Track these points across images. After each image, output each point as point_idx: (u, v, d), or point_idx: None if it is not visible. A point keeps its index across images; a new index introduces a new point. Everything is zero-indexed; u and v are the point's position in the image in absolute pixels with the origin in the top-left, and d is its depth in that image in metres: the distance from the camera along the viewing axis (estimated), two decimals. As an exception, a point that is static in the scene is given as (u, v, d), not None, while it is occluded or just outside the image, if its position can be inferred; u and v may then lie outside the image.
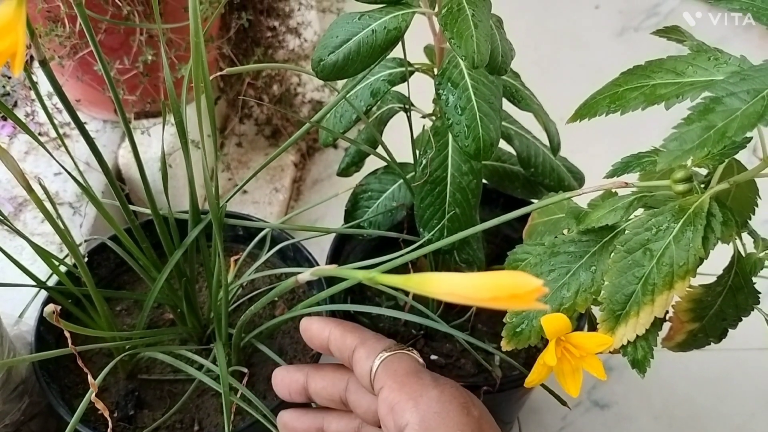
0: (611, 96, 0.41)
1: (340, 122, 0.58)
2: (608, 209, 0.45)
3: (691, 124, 0.34)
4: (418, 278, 0.28)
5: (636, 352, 0.44)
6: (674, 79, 0.39)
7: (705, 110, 0.35)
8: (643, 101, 0.39)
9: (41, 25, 0.71)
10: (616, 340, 0.44)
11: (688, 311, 0.48)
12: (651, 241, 0.42)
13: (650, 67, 0.41)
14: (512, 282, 0.26)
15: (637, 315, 0.43)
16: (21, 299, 0.61)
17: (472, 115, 0.50)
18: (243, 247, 0.68)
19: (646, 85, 0.40)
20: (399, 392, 0.42)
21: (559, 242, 0.48)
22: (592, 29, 1.37)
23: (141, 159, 0.54)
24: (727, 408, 0.84)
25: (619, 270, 0.43)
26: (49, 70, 0.40)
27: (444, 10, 0.46)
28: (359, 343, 0.47)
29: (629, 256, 0.43)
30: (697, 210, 0.42)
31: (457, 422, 0.41)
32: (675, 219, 0.42)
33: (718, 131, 0.34)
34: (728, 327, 0.49)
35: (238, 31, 0.89)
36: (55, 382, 0.58)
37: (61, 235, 0.50)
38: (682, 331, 0.49)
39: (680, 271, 0.42)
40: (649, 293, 0.42)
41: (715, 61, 0.40)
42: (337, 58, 0.48)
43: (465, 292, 0.27)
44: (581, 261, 0.47)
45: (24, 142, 0.83)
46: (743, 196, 0.49)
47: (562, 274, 0.47)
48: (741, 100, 0.36)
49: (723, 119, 0.34)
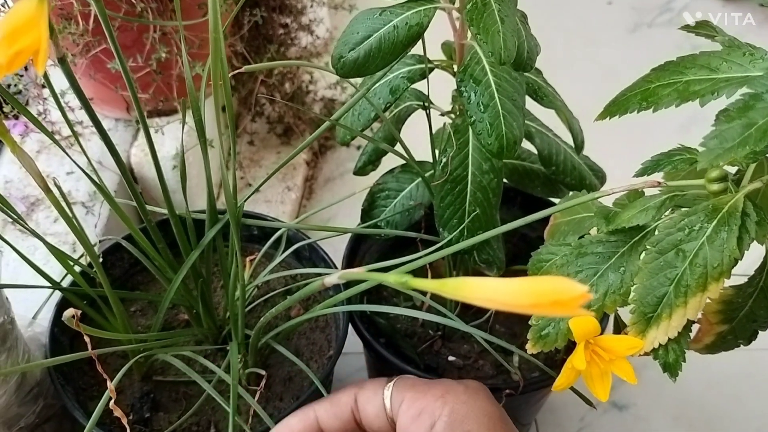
0: (642, 92, 0.40)
1: (359, 120, 0.57)
2: (639, 209, 0.44)
3: (731, 122, 0.33)
4: (453, 283, 0.27)
5: (667, 355, 0.43)
6: (708, 75, 0.38)
7: (745, 107, 0.34)
8: (676, 98, 0.38)
9: (54, 23, 0.70)
10: (647, 343, 0.43)
11: (718, 313, 0.47)
12: (684, 242, 0.41)
13: (683, 62, 0.40)
14: (554, 288, 0.25)
15: (669, 318, 0.42)
16: (35, 300, 0.61)
17: (495, 112, 0.49)
18: (258, 247, 0.67)
19: (679, 81, 0.39)
20: (424, 397, 0.44)
21: (587, 242, 0.47)
22: (605, 26, 1.35)
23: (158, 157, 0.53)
24: (747, 410, 0.83)
25: (650, 271, 0.42)
26: (67, 67, 0.39)
27: (469, 5, 0.45)
28: (357, 390, 0.47)
29: (661, 257, 0.42)
30: (732, 210, 0.41)
31: (484, 408, 0.43)
32: (708, 219, 0.41)
33: (760, 128, 0.33)
34: (758, 329, 0.48)
35: (251, 28, 0.88)
36: (70, 384, 0.58)
37: (77, 235, 0.49)
38: (711, 333, 0.48)
39: (714, 272, 0.41)
40: (682, 295, 0.41)
41: (750, 57, 0.39)
42: (358, 54, 0.47)
43: (504, 299, 0.26)
44: (610, 262, 0.45)
45: (36, 141, 0.82)
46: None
47: (590, 276, 0.46)
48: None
49: (764, 116, 0.33)
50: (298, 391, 0.60)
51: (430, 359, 0.66)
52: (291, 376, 0.61)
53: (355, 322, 0.63)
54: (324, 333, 0.65)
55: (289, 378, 0.61)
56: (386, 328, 0.66)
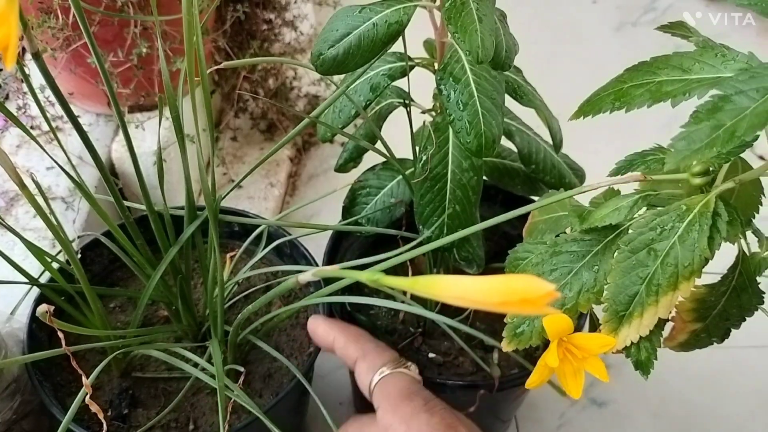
0: (616, 93, 0.40)
1: (339, 117, 0.57)
2: (612, 208, 0.45)
3: (699, 123, 0.33)
4: (425, 281, 0.27)
5: (639, 353, 0.44)
6: (680, 76, 0.39)
7: (713, 108, 0.34)
8: (648, 98, 0.38)
9: (33, 16, 0.69)
10: (620, 341, 0.43)
11: (691, 311, 0.47)
12: (655, 241, 0.42)
13: (655, 63, 0.40)
14: (523, 286, 0.25)
15: (641, 316, 0.42)
16: (13, 296, 0.60)
17: (474, 111, 0.49)
18: (239, 244, 0.67)
19: (652, 81, 0.39)
20: (393, 415, 0.47)
21: (561, 241, 0.47)
22: (590, 24, 1.36)
23: (135, 153, 0.53)
24: (726, 407, 0.84)
25: (622, 270, 0.42)
26: (41, 62, 0.39)
27: (447, 3, 0.45)
28: (360, 356, 0.52)
29: (633, 256, 0.42)
30: (703, 210, 0.41)
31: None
32: (680, 219, 0.42)
33: (728, 130, 0.33)
34: (731, 327, 0.48)
35: (234, 23, 0.88)
36: (48, 380, 0.57)
37: (53, 231, 0.49)
38: (684, 330, 0.48)
39: (685, 271, 0.41)
40: (654, 294, 0.42)
41: (722, 58, 0.39)
42: (338, 52, 0.47)
43: (474, 296, 0.26)
44: (584, 260, 0.46)
45: (16, 135, 0.82)
46: (747, 195, 0.49)
47: (564, 274, 0.46)
48: (750, 98, 0.35)
49: (732, 118, 0.33)
50: (277, 387, 0.60)
51: (410, 356, 0.66)
52: (271, 373, 0.61)
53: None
54: (305, 330, 0.64)
55: (269, 374, 0.61)
56: (367, 325, 0.67)
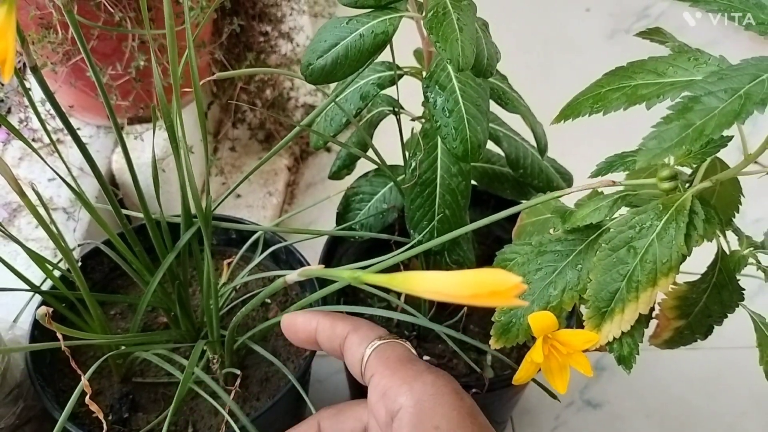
0: (594, 96, 0.42)
1: (331, 125, 0.59)
2: (592, 208, 0.46)
3: (669, 123, 0.35)
4: (401, 277, 0.29)
5: (622, 348, 0.45)
6: (655, 80, 0.40)
7: (684, 109, 0.35)
8: (624, 101, 0.40)
9: (34, 31, 0.71)
10: (602, 336, 0.44)
11: (674, 308, 0.48)
12: (635, 239, 0.43)
13: (632, 68, 0.42)
14: (492, 279, 0.26)
15: (622, 312, 0.43)
16: (16, 304, 0.62)
17: (460, 117, 0.50)
18: (236, 251, 0.69)
19: (628, 85, 0.40)
20: (391, 377, 0.42)
21: (546, 241, 0.49)
22: (583, 32, 1.37)
23: (134, 164, 0.54)
24: (719, 407, 0.85)
25: (603, 268, 0.44)
26: (40, 76, 0.41)
27: (429, 14, 0.47)
28: (351, 330, 0.46)
29: (613, 254, 0.44)
30: (680, 208, 0.43)
31: (452, 405, 0.41)
32: (658, 217, 0.43)
33: (696, 129, 0.34)
34: (714, 324, 0.49)
35: (231, 36, 0.89)
36: (50, 386, 0.59)
37: (54, 240, 0.50)
38: (668, 328, 0.49)
39: (663, 268, 0.42)
40: (634, 290, 0.43)
41: (695, 62, 0.40)
42: (326, 62, 0.49)
43: (447, 290, 0.27)
44: (567, 260, 0.47)
45: (18, 147, 0.83)
46: (727, 195, 0.50)
47: (549, 273, 0.47)
48: (719, 99, 0.36)
49: (701, 117, 0.35)
50: (274, 390, 0.61)
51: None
52: (268, 377, 0.63)
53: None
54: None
55: (266, 378, 0.63)
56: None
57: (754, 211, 0.64)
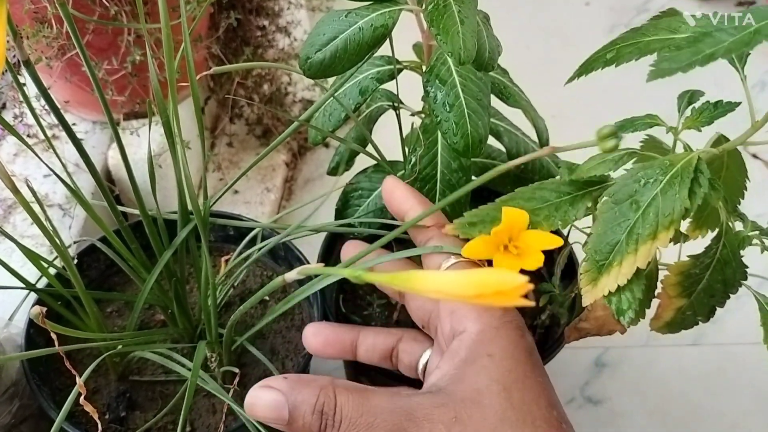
0: (609, 52, 0.43)
1: (329, 121, 0.58)
2: (598, 161, 0.47)
3: (680, 50, 0.36)
4: (404, 276, 0.28)
5: (621, 302, 0.45)
6: (668, 36, 0.41)
7: (694, 40, 0.36)
8: (637, 53, 0.41)
9: (28, 26, 0.70)
10: (598, 290, 0.45)
11: (677, 285, 0.48)
12: (638, 193, 0.44)
13: (646, 26, 0.44)
14: (497, 279, 0.26)
15: (620, 264, 0.44)
16: (11, 302, 0.61)
17: (461, 112, 0.50)
18: (234, 247, 0.68)
19: (641, 41, 0.42)
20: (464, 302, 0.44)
21: (548, 183, 0.49)
22: (583, 26, 1.37)
23: (130, 160, 0.54)
24: (721, 404, 0.84)
25: (605, 221, 0.44)
26: (33, 70, 0.40)
27: (430, 6, 0.46)
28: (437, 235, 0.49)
29: (616, 207, 0.44)
30: (686, 165, 0.43)
31: (512, 340, 0.43)
32: (663, 172, 0.43)
33: (706, 54, 0.35)
34: (716, 304, 0.49)
35: (227, 30, 0.89)
36: (46, 384, 0.58)
37: (48, 237, 0.50)
38: (670, 307, 0.49)
39: (665, 221, 0.42)
40: (633, 243, 0.43)
41: (707, 19, 0.41)
42: (324, 56, 0.48)
43: (451, 290, 0.27)
44: (566, 197, 0.48)
45: (13, 144, 0.83)
46: (733, 179, 0.50)
47: (542, 202, 0.48)
48: (729, 34, 0.37)
49: (711, 46, 0.35)
50: (273, 388, 0.61)
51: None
52: (267, 375, 0.62)
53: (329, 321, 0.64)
54: (300, 332, 0.65)
55: (265, 376, 0.62)
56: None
57: (757, 206, 0.64)
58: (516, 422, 0.40)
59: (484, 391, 0.41)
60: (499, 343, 0.43)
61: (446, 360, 0.44)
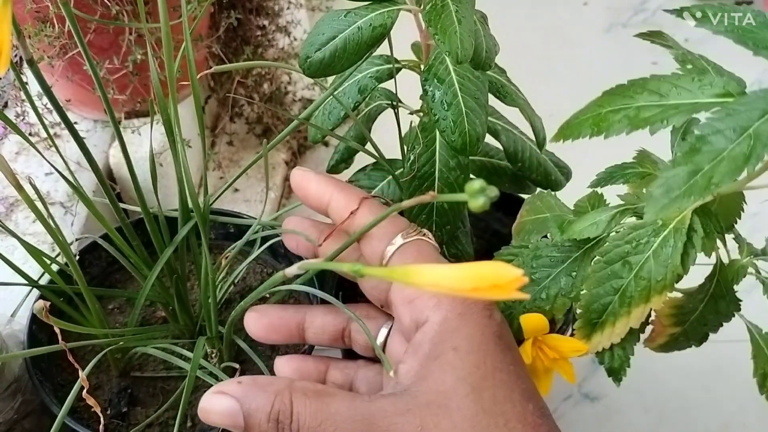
0: (594, 118, 0.40)
1: (329, 119, 0.58)
2: (590, 222, 0.46)
3: (676, 167, 0.34)
4: (402, 270, 0.29)
5: (613, 360, 0.45)
6: (658, 101, 0.38)
7: (691, 151, 0.34)
8: (627, 125, 0.38)
9: (30, 25, 0.71)
10: (592, 347, 0.45)
11: (670, 316, 0.48)
12: (630, 254, 0.43)
13: (633, 87, 0.40)
14: (493, 272, 0.26)
15: (613, 325, 0.44)
16: (13, 299, 0.62)
17: (459, 110, 0.50)
18: (234, 245, 0.68)
19: (630, 107, 0.39)
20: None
21: (543, 245, 0.49)
22: (580, 26, 1.37)
23: (131, 158, 0.54)
24: (717, 400, 0.85)
25: (597, 280, 0.43)
26: (36, 69, 0.40)
27: (428, 6, 0.47)
28: (364, 212, 0.45)
29: (608, 267, 0.43)
30: (678, 225, 0.42)
31: (479, 326, 0.39)
32: (655, 233, 0.43)
33: (705, 176, 0.33)
34: (709, 332, 0.49)
35: (228, 30, 0.89)
36: (48, 380, 0.59)
37: (51, 233, 0.50)
38: (663, 334, 0.50)
39: (657, 286, 0.42)
40: (626, 305, 0.43)
41: (699, 82, 0.38)
42: (324, 55, 0.49)
43: (448, 283, 0.27)
44: (563, 266, 0.47)
45: (15, 142, 0.83)
46: (729, 203, 0.50)
47: (544, 277, 0.47)
48: (727, 139, 0.34)
49: (709, 161, 0.33)
50: (273, 384, 0.61)
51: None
52: (269, 371, 0.63)
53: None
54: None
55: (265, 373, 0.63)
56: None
57: (751, 205, 0.65)
58: (488, 427, 0.37)
59: (451, 393, 0.37)
60: (464, 333, 0.39)
61: (410, 354, 0.40)
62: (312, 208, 0.48)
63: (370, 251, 0.44)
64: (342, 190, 0.47)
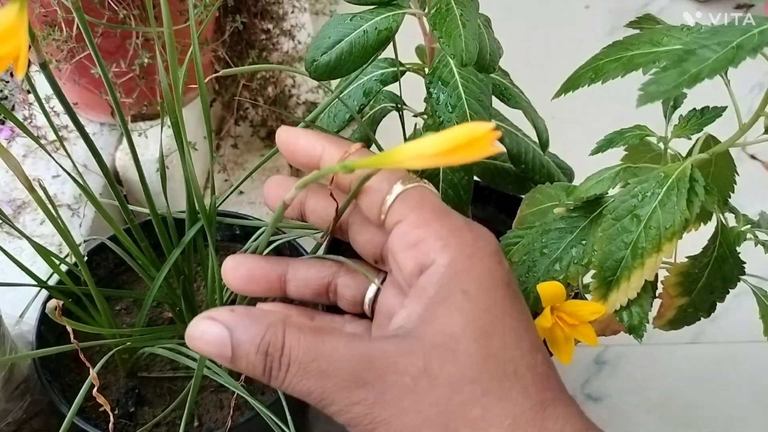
0: (593, 68, 0.44)
1: (334, 122, 0.59)
2: (595, 180, 0.48)
3: (666, 71, 0.36)
4: (383, 156, 0.31)
5: (632, 317, 0.46)
6: (651, 49, 0.42)
7: (679, 59, 0.36)
8: (621, 70, 0.42)
9: (38, 29, 0.72)
10: (609, 305, 0.45)
11: (677, 285, 0.49)
12: (638, 207, 0.45)
13: (629, 40, 0.44)
14: (466, 129, 0.28)
15: (628, 279, 0.45)
16: (22, 299, 0.62)
17: (463, 112, 0.51)
18: (240, 246, 0.69)
19: (625, 55, 0.42)
20: (426, 229, 0.38)
21: (550, 221, 0.50)
22: (583, 29, 1.38)
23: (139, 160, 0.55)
24: (720, 401, 0.86)
25: (608, 237, 0.45)
26: (49, 72, 0.41)
27: (433, 10, 0.47)
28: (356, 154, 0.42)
29: (617, 223, 0.45)
30: (680, 175, 0.44)
31: (487, 269, 0.37)
32: (659, 185, 0.44)
33: (692, 75, 0.35)
34: (716, 300, 0.50)
35: (233, 33, 0.90)
36: (57, 380, 0.59)
37: (61, 234, 0.51)
38: (672, 306, 0.50)
39: (667, 233, 0.44)
40: (639, 257, 0.44)
41: (688, 31, 0.42)
42: (330, 58, 0.50)
43: (428, 151, 0.29)
44: (572, 236, 0.48)
45: (22, 145, 0.84)
46: (722, 175, 0.52)
47: (554, 251, 0.49)
48: (712, 51, 0.37)
49: (696, 66, 0.36)
50: (279, 384, 0.62)
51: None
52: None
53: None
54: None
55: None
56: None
57: (757, 206, 0.65)
58: (496, 374, 0.35)
59: (459, 335, 0.35)
60: (473, 276, 0.37)
61: (413, 298, 0.37)
62: (301, 166, 0.44)
63: (367, 202, 0.41)
64: (334, 142, 0.43)
